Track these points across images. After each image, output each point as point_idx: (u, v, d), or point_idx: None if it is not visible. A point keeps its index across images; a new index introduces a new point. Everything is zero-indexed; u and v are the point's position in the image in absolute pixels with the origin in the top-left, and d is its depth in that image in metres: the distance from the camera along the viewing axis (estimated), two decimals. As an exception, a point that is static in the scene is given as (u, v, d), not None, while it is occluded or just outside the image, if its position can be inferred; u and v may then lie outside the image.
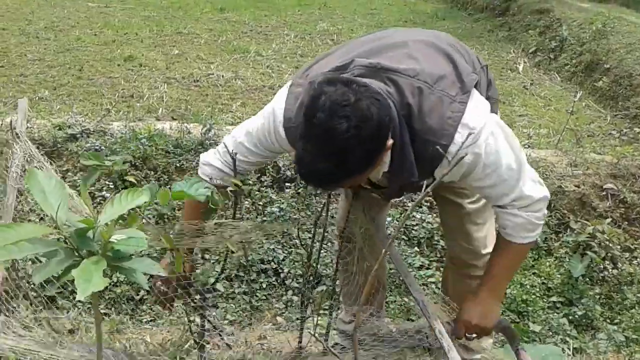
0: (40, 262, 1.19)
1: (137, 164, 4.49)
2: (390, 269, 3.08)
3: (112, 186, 4.31)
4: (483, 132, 1.63)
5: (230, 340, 2.47)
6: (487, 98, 1.76)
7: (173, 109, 6.63)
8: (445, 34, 1.96)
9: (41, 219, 2.68)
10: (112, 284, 3.74)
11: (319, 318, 3.10)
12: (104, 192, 4.28)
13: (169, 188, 1.79)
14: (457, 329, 1.84)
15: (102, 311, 3.52)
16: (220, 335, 2.36)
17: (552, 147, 5.51)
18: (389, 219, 3.96)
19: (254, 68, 7.89)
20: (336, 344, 2.37)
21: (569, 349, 3.60)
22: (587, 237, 4.27)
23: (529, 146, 5.50)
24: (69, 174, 4.44)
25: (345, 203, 2.28)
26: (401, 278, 1.86)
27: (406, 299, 3.63)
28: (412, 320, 3.31)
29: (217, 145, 4.63)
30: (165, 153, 4.64)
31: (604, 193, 4.73)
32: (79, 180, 4.34)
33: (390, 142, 1.54)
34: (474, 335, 1.88)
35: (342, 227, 2.26)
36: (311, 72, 1.84)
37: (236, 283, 3.92)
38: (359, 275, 2.09)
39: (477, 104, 1.67)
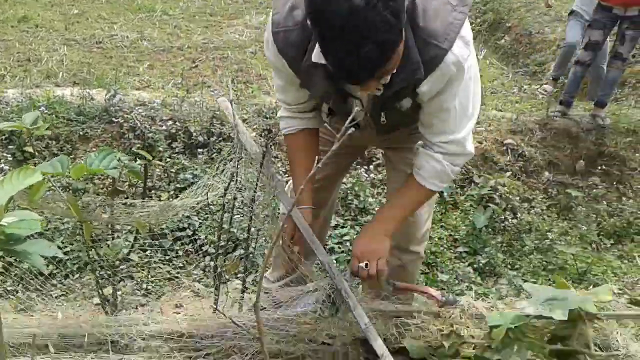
0: None
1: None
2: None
3: (10, 158, 4.05)
4: (472, 52, 1.62)
5: (145, 311, 2.44)
6: None
7: (74, 73, 6.28)
8: None
9: None
10: (18, 259, 3.58)
11: (236, 282, 3.13)
12: (2, 165, 4.01)
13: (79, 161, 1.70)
14: (352, 264, 1.84)
15: (9, 288, 3.36)
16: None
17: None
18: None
19: (161, 28, 7.60)
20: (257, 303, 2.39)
21: (473, 295, 3.85)
22: (490, 190, 4.52)
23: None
24: (-40, 146, 4.13)
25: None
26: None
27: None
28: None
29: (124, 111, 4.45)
30: (67, 121, 4.40)
31: (504, 148, 5.01)
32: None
33: (402, 39, 1.42)
34: (365, 263, 1.83)
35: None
36: None
37: (151, 252, 3.85)
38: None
39: (468, 22, 1.62)
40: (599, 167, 5.14)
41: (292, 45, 1.62)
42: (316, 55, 1.51)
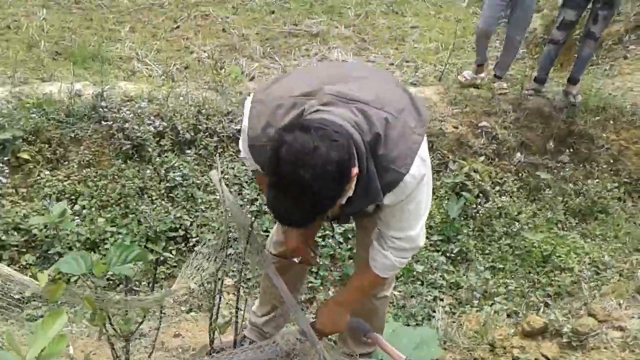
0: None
1: (29, 138, 4.38)
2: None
3: (5, 167, 4.22)
4: (428, 165, 1.83)
5: (148, 341, 2.74)
6: None
7: (56, 42, 6.32)
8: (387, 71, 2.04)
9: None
10: None
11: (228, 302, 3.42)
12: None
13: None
14: (315, 332, 2.09)
15: None
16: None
17: (436, 82, 5.91)
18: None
19: (140, -17, 7.53)
20: (245, 337, 2.71)
21: (446, 283, 4.21)
22: (464, 178, 4.79)
23: (414, 84, 5.86)
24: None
25: (279, 226, 2.45)
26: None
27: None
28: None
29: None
30: (58, 123, 4.54)
31: (479, 131, 5.24)
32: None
33: (355, 171, 1.61)
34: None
35: (279, 249, 2.45)
36: (272, 90, 1.85)
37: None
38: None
39: (425, 140, 1.81)
40: (569, 147, 5.41)
41: (266, 158, 1.81)
42: None
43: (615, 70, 6.48)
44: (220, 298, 2.56)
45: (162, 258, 3.99)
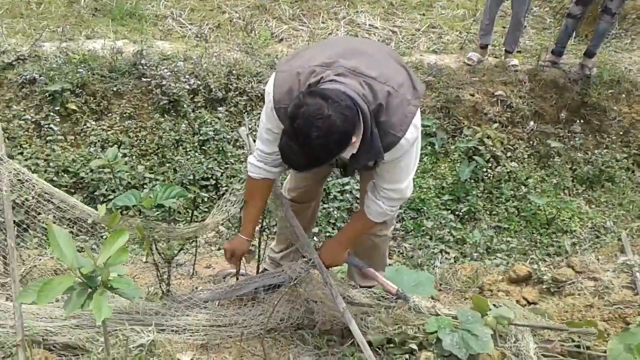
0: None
1: (76, 91, 4.80)
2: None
3: (56, 116, 4.66)
4: (419, 130, 2.17)
5: (184, 270, 3.18)
6: None
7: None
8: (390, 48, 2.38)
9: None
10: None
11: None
12: (49, 122, 4.63)
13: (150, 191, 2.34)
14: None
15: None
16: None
17: (457, 50, 6.13)
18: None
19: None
20: (265, 269, 3.11)
21: (453, 239, 4.56)
22: (477, 143, 5.08)
23: (436, 51, 6.10)
24: (12, 103, 4.72)
25: (295, 174, 2.84)
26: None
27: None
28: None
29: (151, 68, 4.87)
30: (102, 77, 4.94)
31: (494, 99, 5.49)
32: (22, 111, 4.67)
33: (354, 139, 1.94)
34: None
35: (293, 194, 2.85)
36: (294, 61, 2.15)
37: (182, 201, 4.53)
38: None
39: (419, 111, 2.16)
40: (581, 118, 5.62)
41: None
42: None
43: (635, 44, 6.58)
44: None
45: (199, 199, 4.41)
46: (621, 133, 5.62)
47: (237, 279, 2.81)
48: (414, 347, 2.22)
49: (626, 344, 2.01)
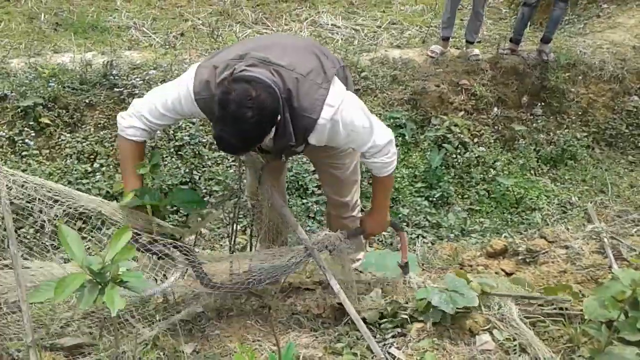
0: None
1: (48, 105, 4.81)
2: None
3: (30, 131, 4.66)
4: (340, 107, 2.28)
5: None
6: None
7: (55, 12, 6.64)
8: (312, 40, 2.58)
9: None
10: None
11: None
12: (23, 137, 4.63)
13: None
14: (365, 237, 2.80)
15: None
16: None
17: (420, 44, 6.33)
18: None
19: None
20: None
21: (429, 224, 4.74)
22: (445, 131, 5.28)
23: (399, 46, 6.28)
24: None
25: (252, 172, 2.95)
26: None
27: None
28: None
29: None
30: (73, 90, 4.96)
31: (459, 88, 5.70)
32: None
33: (278, 117, 2.13)
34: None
35: (253, 190, 2.95)
36: (214, 58, 2.33)
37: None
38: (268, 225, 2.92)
39: (336, 88, 2.32)
40: (542, 101, 5.89)
41: (210, 109, 2.21)
42: None
43: (587, 28, 6.90)
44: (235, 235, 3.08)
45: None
46: (580, 113, 5.90)
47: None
48: (405, 316, 2.36)
49: (600, 300, 2.18)
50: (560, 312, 2.41)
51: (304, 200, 4.69)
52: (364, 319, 2.36)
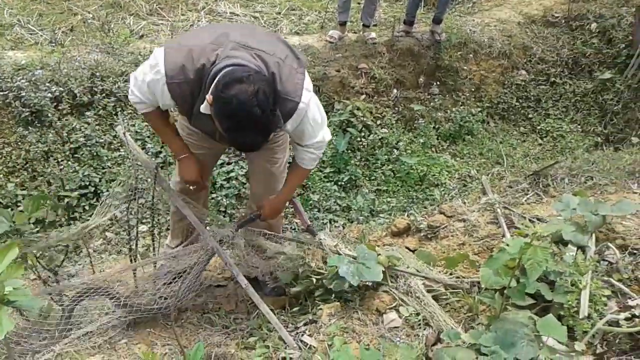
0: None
1: None
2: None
3: None
4: (313, 94, 2.37)
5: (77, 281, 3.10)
6: None
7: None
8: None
9: None
10: None
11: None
12: None
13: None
14: (262, 219, 2.76)
15: None
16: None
17: (318, 30, 6.37)
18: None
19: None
20: (162, 264, 3.13)
21: (339, 208, 4.82)
22: (349, 115, 5.36)
23: (298, 33, 6.29)
24: None
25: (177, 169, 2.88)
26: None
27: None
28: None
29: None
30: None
31: (358, 72, 5.80)
32: None
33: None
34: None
35: (182, 186, 2.88)
36: (183, 41, 2.31)
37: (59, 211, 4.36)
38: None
39: (307, 74, 2.37)
40: (437, 80, 6.11)
41: (183, 94, 2.24)
42: (203, 108, 2.15)
43: (476, 7, 7.22)
44: (137, 239, 2.99)
45: (79, 208, 4.30)
46: (473, 90, 6.19)
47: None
48: (314, 280, 2.48)
49: (494, 269, 2.31)
50: (460, 281, 2.53)
51: (214, 195, 4.62)
52: (276, 286, 2.39)
